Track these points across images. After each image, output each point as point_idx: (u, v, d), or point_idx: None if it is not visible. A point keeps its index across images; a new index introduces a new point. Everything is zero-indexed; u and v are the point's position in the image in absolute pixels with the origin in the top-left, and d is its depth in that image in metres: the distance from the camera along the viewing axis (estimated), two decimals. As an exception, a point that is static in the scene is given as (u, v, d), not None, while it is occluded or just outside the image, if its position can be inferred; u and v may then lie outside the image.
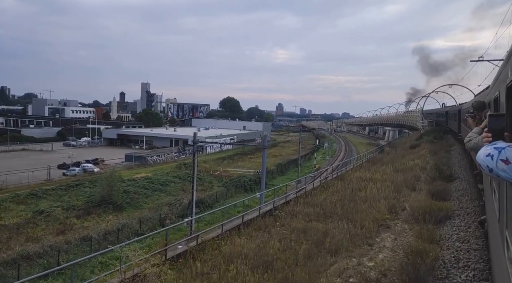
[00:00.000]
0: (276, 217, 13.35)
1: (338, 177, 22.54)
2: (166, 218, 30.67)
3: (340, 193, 17.44)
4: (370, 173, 23.34)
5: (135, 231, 28.03)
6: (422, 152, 29.42)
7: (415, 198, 14.52)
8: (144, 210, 35.52)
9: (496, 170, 1.87)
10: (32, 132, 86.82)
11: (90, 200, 36.02)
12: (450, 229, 9.98)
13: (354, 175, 23.08)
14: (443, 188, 14.47)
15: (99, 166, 59.56)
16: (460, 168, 19.88)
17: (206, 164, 65.35)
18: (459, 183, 16.12)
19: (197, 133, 28.62)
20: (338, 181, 21.31)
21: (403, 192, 15.67)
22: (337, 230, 11.05)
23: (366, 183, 19.05)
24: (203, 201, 35.86)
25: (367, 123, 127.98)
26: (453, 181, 16.90)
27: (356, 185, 18.98)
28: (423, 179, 18.47)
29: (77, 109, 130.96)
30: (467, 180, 16.35)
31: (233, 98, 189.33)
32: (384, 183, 18.68)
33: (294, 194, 19.32)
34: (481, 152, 1.99)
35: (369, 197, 15.55)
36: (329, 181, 22.16)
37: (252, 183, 46.02)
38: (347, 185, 19.71)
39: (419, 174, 19.84)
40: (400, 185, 17.18)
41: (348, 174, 23.78)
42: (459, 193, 14.28)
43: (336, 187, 19.26)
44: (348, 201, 15.32)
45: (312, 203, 15.38)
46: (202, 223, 31.93)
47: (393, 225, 10.97)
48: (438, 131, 35.60)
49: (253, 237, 11.09)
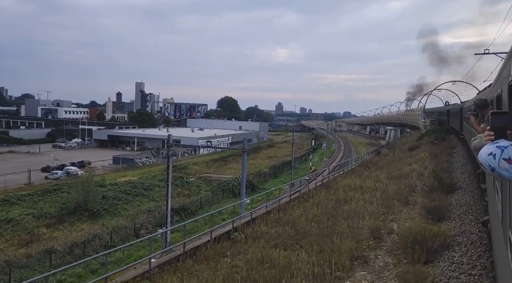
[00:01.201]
0: (234, 240, 10.82)
1: (324, 185, 19.97)
2: (142, 228, 28.17)
3: (321, 206, 14.91)
4: (361, 179, 20.77)
5: (105, 242, 25.56)
6: (422, 154, 26.82)
7: (407, 214, 11.98)
8: (123, 217, 33.08)
9: (499, 169, 1.86)
10: (21, 133, 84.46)
11: (65, 206, 33.59)
12: (448, 267, 7.42)
13: (342, 182, 20.53)
14: (442, 202, 11.91)
15: (85, 169, 57.18)
16: (463, 174, 17.29)
17: (197, 166, 62.93)
18: (462, 195, 13.54)
19: (171, 135, 26.10)
20: (323, 190, 18.76)
21: (393, 207, 13.11)
22: (302, 263, 8.51)
23: (354, 193, 16.51)
24: (186, 208, 33.34)
25: (368, 122, 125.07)
26: (454, 192, 14.32)
27: (342, 195, 16.45)
28: (420, 188, 15.90)
29: (71, 109, 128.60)
30: (471, 191, 13.76)
31: (231, 98, 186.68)
32: (374, 193, 16.13)
33: (273, 205, 16.83)
34: (483, 151, 1.97)
35: (353, 213, 13.03)
36: (315, 188, 19.61)
37: (242, 187, 43.44)
38: (332, 194, 17.17)
39: (415, 183, 17.27)
40: (392, 197, 14.62)
41: (336, 180, 21.21)
42: (461, 209, 11.70)
43: (318, 198, 16.73)
44: (328, 218, 12.80)
45: (284, 220, 12.83)
46: (181, 233, 29.49)
47: (374, 258, 8.41)
48: (440, 132, 33.02)
49: (193, 273, 8.56)
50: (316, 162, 70.36)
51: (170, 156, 25.11)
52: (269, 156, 79.20)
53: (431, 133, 34.17)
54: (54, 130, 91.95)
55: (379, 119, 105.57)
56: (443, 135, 31.41)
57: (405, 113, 68.07)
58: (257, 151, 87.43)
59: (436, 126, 37.43)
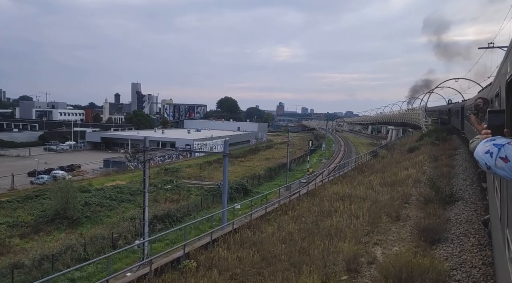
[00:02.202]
0: (183, 271, 8.83)
1: (310, 193, 17.97)
2: (120, 238, 26.19)
3: (300, 220, 12.93)
4: (352, 186, 18.77)
5: (78, 255, 23.64)
6: (421, 157, 24.76)
7: (396, 235, 9.98)
8: (104, 225, 31.17)
9: (495, 168, 1.85)
10: (12, 136, 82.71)
11: (44, 214, 31.73)
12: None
13: (331, 189, 18.53)
14: (437, 220, 9.90)
15: (74, 173, 55.39)
16: (465, 181, 15.25)
17: (190, 169, 61.01)
18: (463, 208, 11.52)
19: (147, 137, 24.20)
20: (307, 199, 16.76)
21: (381, 223, 11.10)
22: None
23: (340, 204, 14.53)
24: (171, 215, 31.33)
25: (370, 122, 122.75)
26: (454, 204, 12.31)
27: (327, 206, 14.46)
28: (414, 198, 13.87)
29: (66, 111, 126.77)
30: (474, 203, 11.73)
31: (231, 98, 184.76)
32: (362, 204, 14.14)
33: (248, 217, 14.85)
34: (479, 148, 1.97)
35: (335, 230, 11.05)
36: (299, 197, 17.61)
37: (234, 191, 41.47)
38: (315, 205, 15.17)
39: (410, 191, 15.24)
40: (381, 209, 12.61)
41: (324, 187, 19.19)
42: (461, 228, 9.69)
43: (300, 209, 14.73)
44: (304, 237, 10.82)
45: (253, 239, 10.86)
46: (163, 243, 27.55)
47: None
48: (442, 131, 30.95)
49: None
50: (315, 164, 68.31)
51: (147, 161, 23.11)
52: (267, 157, 77.20)
53: (432, 133, 32.10)
54: (46, 133, 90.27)
55: (380, 119, 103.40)
56: (444, 136, 29.33)
57: (406, 112, 66.11)
58: (255, 152, 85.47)
59: (437, 126, 35.43)
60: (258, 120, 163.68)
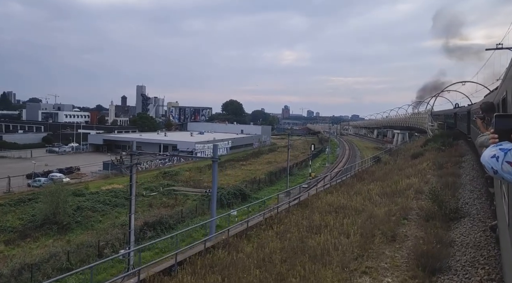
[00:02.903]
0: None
1: (301, 203, 16.54)
2: (107, 246, 24.97)
3: (285, 237, 11.52)
4: (349, 196, 17.32)
5: (61, 264, 22.47)
6: (424, 164, 23.16)
7: (390, 260, 8.53)
8: (95, 231, 30.05)
9: (501, 172, 1.84)
10: (15, 138, 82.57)
11: (33, 219, 30.74)
12: None
13: (325, 199, 17.09)
14: (439, 246, 8.42)
15: (73, 175, 54.65)
16: (473, 193, 13.70)
17: (189, 172, 59.81)
18: (470, 227, 10.01)
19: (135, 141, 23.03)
20: (297, 210, 15.34)
21: (374, 244, 9.64)
22: None
23: (332, 217, 13.11)
24: (163, 221, 30.06)
25: (375, 125, 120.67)
26: (459, 221, 10.81)
27: (317, 220, 13.05)
28: (415, 213, 12.38)
29: (71, 113, 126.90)
30: (482, 221, 10.22)
31: (236, 101, 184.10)
32: (356, 218, 12.69)
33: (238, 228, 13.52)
34: (486, 153, 1.97)
35: (320, 251, 9.62)
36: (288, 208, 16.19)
37: (231, 197, 40.14)
38: (305, 218, 13.76)
39: (410, 203, 13.74)
40: (377, 226, 11.16)
41: (318, 197, 17.74)
42: (468, 253, 8.19)
43: (287, 223, 13.32)
44: (284, 259, 9.41)
45: (224, 262, 9.48)
46: (153, 252, 26.28)
47: None
48: (447, 137, 29.30)
49: None
50: (318, 168, 66.65)
51: (134, 165, 21.86)
52: (269, 161, 75.76)
53: (438, 138, 30.42)
54: (50, 135, 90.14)
55: (386, 123, 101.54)
56: (451, 141, 27.66)
57: (412, 116, 64.34)
58: (257, 155, 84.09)
59: (443, 131, 33.75)
60: (263, 123, 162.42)
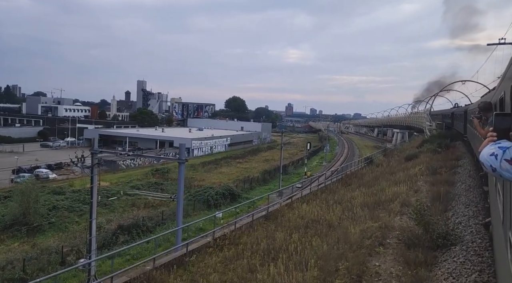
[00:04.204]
0: None
1: (270, 215, 14.49)
2: (72, 252, 23.03)
3: (233, 264, 9.51)
4: (327, 206, 15.26)
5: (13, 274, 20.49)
6: (417, 168, 20.95)
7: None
8: (67, 233, 28.31)
9: (500, 170, 1.85)
10: (10, 132, 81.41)
11: (2, 219, 29.02)
12: None
13: (300, 209, 15.03)
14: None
15: (61, 171, 53.15)
16: (468, 208, 11.54)
17: (181, 170, 57.84)
18: (462, 261, 7.81)
19: (96, 138, 21.08)
20: (263, 225, 13.29)
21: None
22: None
23: (300, 235, 11.10)
24: (139, 224, 28.14)
25: (376, 124, 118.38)
26: (450, 249, 8.67)
27: (280, 240, 11.03)
28: (395, 236, 10.27)
29: (71, 107, 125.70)
30: (479, 255, 8.09)
31: (239, 98, 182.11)
32: (326, 238, 10.64)
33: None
34: (484, 151, 1.97)
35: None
36: (249, 225, 14.16)
37: (220, 197, 38.20)
38: (268, 237, 11.74)
39: (392, 221, 11.65)
40: (344, 255, 9.07)
41: (292, 207, 15.68)
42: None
43: (243, 244, 11.31)
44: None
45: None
46: (123, 258, 24.34)
47: None
48: (444, 138, 27.06)
49: None
50: (314, 167, 64.47)
51: (95, 165, 19.88)
52: (266, 159, 73.71)
53: (434, 139, 28.15)
54: (46, 129, 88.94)
55: (386, 122, 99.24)
56: (448, 143, 25.36)
57: (410, 115, 62.27)
58: (255, 153, 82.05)
59: (441, 131, 31.55)
60: (266, 120, 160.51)
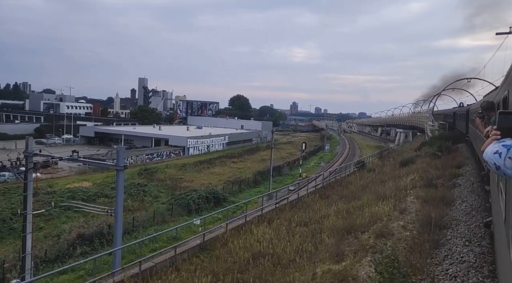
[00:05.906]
0: None
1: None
2: (14, 268, 20.12)
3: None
4: (288, 229, 12.44)
5: None
6: (410, 178, 17.90)
7: None
8: (29, 240, 25.92)
9: (504, 168, 1.85)
10: (4, 128, 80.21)
11: (-37, 224, 26.89)
12: None
13: (254, 232, 12.23)
14: None
15: (47, 170, 51.06)
16: (467, 248, 8.52)
17: (171, 170, 55.25)
18: None
19: (30, 138, 18.48)
20: (193, 259, 10.52)
21: None
22: None
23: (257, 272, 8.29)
24: (103, 233, 25.43)
25: (379, 123, 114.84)
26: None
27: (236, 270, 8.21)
28: None
29: (73, 104, 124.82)
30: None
31: (243, 96, 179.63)
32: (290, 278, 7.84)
33: None
34: (488, 149, 1.96)
35: None
36: (173, 257, 11.40)
37: (202, 201, 35.53)
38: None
39: (359, 265, 8.78)
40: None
41: (244, 230, 12.84)
42: None
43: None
44: None
45: None
46: (75, 274, 21.58)
47: None
48: (446, 139, 23.90)
49: None
50: (311, 167, 61.41)
51: (30, 170, 17.31)
52: (263, 158, 70.70)
53: (435, 141, 25.00)
54: (43, 126, 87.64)
55: (389, 121, 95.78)
56: (449, 145, 22.19)
57: (412, 115, 59.13)
58: (253, 152, 79.13)
59: (444, 132, 28.46)
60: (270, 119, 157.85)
